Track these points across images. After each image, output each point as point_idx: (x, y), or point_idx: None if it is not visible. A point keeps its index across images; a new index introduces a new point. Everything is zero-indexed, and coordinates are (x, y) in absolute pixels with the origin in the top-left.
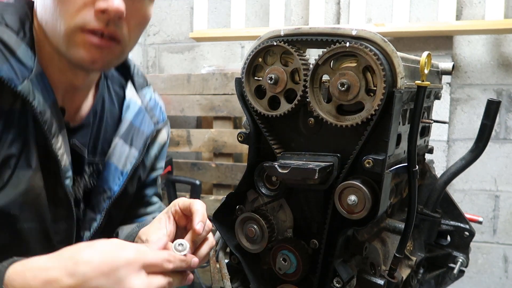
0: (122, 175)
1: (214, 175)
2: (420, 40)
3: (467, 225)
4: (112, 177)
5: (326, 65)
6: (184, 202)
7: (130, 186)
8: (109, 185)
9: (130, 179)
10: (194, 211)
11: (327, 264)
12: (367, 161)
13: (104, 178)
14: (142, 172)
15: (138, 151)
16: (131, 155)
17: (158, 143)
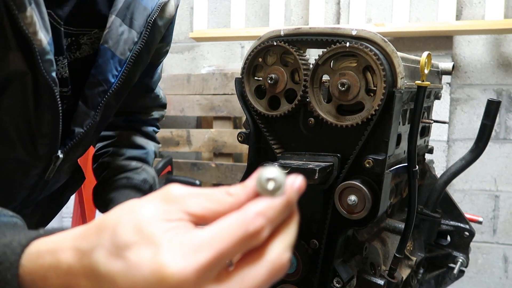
0: (120, 64)
1: (214, 175)
2: (420, 40)
3: (467, 225)
4: (108, 66)
5: (326, 65)
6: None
7: (132, 77)
8: (105, 76)
9: (131, 69)
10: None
11: (327, 264)
12: (367, 161)
13: (99, 67)
14: (145, 58)
15: (139, 33)
16: (130, 39)
17: (165, 19)
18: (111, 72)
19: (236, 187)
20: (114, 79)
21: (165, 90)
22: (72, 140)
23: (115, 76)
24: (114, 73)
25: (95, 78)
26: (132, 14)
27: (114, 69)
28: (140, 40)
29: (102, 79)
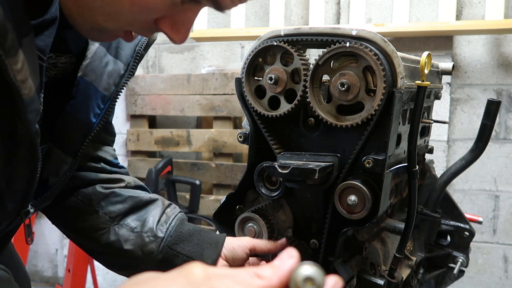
0: (103, 101)
1: (214, 175)
2: (420, 40)
3: (467, 225)
4: (90, 104)
5: (326, 65)
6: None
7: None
8: (86, 115)
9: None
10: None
11: (327, 264)
12: (367, 161)
13: (78, 105)
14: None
15: (126, 65)
16: (115, 72)
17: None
18: (93, 110)
19: (266, 269)
20: (96, 119)
21: (165, 90)
22: (45, 192)
23: (97, 116)
24: (96, 111)
25: (73, 118)
26: (118, 43)
27: (96, 107)
28: (128, 73)
29: (82, 119)
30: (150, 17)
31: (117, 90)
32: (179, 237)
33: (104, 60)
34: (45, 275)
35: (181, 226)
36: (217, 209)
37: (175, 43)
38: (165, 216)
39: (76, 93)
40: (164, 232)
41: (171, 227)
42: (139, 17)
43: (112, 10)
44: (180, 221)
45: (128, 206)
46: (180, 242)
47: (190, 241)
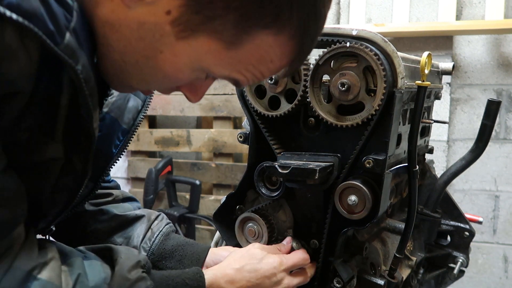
0: (123, 134)
1: (214, 175)
2: (420, 40)
3: (467, 225)
4: (113, 138)
5: (327, 65)
6: None
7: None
8: (109, 148)
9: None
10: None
11: (327, 264)
12: (367, 161)
13: (104, 139)
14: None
15: (143, 101)
16: (134, 107)
17: None
18: (114, 143)
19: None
20: (115, 150)
21: None
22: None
23: (116, 147)
24: (116, 143)
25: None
26: None
27: (116, 140)
28: (144, 108)
29: (105, 151)
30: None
31: (135, 124)
32: (162, 255)
33: (126, 98)
34: None
35: (165, 242)
36: (217, 209)
37: (191, 102)
38: (150, 232)
39: (102, 127)
40: (147, 250)
41: (155, 244)
42: (167, 85)
43: (146, 78)
44: (165, 236)
45: (114, 225)
46: (163, 259)
47: (173, 257)
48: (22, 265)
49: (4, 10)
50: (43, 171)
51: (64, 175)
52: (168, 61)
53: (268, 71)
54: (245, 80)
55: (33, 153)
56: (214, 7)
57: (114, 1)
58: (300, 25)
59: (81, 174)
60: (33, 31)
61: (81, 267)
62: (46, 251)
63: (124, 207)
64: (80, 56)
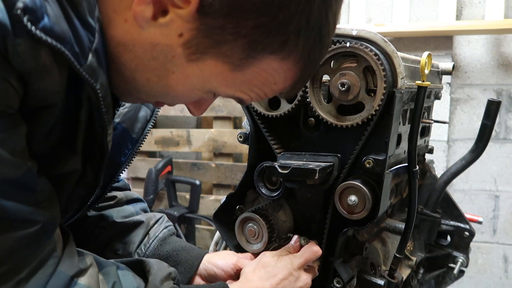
0: (131, 143)
1: (214, 175)
2: (420, 40)
3: (467, 225)
4: (121, 146)
5: (327, 65)
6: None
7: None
8: (119, 157)
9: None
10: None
11: (327, 264)
12: (367, 161)
13: (115, 148)
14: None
15: (151, 111)
16: (143, 117)
17: None
18: (123, 151)
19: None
20: (124, 158)
21: None
22: (73, 218)
23: (125, 155)
24: (125, 152)
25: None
26: None
27: (125, 149)
28: (152, 118)
29: (115, 159)
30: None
31: (144, 134)
32: None
33: (137, 108)
34: None
35: (160, 248)
36: (217, 209)
37: (193, 115)
38: (146, 238)
39: (113, 137)
40: (141, 257)
41: (149, 250)
42: (176, 102)
43: (156, 95)
44: (161, 241)
45: (114, 231)
46: None
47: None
48: (66, 270)
49: (40, 34)
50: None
51: (77, 185)
52: (180, 82)
53: (271, 91)
54: (249, 99)
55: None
56: (225, 33)
57: (128, 22)
58: (305, 51)
59: (93, 184)
60: (64, 53)
61: (116, 276)
62: (84, 257)
63: (126, 211)
64: (100, 75)
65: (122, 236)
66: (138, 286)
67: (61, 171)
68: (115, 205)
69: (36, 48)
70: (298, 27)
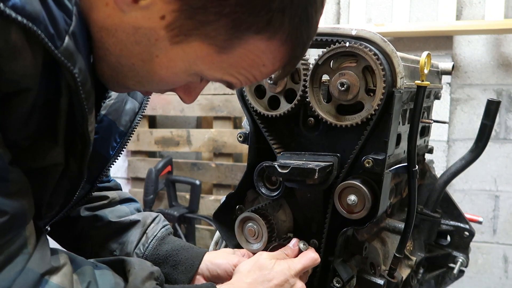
0: (120, 136)
1: (214, 175)
2: (420, 40)
3: (467, 225)
4: (110, 140)
5: (326, 65)
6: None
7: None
8: (106, 149)
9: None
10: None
11: (327, 264)
12: (367, 161)
13: (101, 140)
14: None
15: (140, 103)
16: (131, 110)
17: None
18: (111, 145)
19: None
20: (112, 152)
21: None
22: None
23: (113, 149)
24: (113, 145)
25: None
26: None
27: (113, 142)
28: (141, 111)
29: (102, 153)
30: (172, 88)
31: (132, 126)
32: (156, 260)
33: (124, 100)
34: None
35: (159, 247)
36: (217, 209)
37: (185, 103)
38: (144, 238)
39: (99, 129)
40: (141, 256)
41: (148, 250)
42: (163, 88)
43: (142, 80)
44: (159, 241)
45: (109, 231)
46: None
47: (167, 263)
48: (36, 267)
49: (10, 11)
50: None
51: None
52: (164, 66)
53: (260, 74)
54: (238, 83)
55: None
56: (207, 12)
57: (109, 6)
58: (292, 30)
59: (77, 177)
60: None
61: (92, 276)
62: (58, 256)
63: (120, 210)
64: (78, 59)
65: (118, 236)
66: (116, 286)
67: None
68: (108, 205)
69: (6, 27)
70: (282, 4)
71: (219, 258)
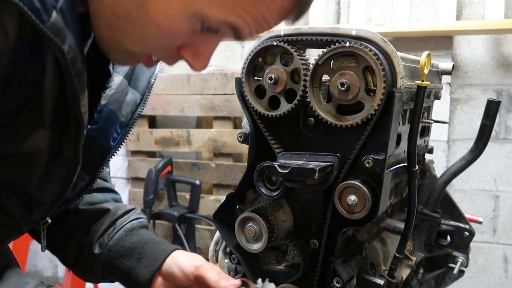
0: (121, 127)
1: (214, 175)
2: (420, 40)
3: (467, 225)
4: (110, 130)
5: (326, 65)
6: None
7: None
8: (107, 140)
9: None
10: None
11: (327, 264)
12: (367, 161)
13: (100, 130)
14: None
15: (141, 95)
16: (133, 101)
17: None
18: (112, 135)
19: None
20: (113, 143)
21: (165, 90)
22: (63, 205)
23: (114, 139)
24: (114, 136)
25: (95, 142)
26: (137, 76)
27: (114, 132)
28: (142, 102)
29: (102, 143)
30: (173, 44)
31: (133, 117)
32: (119, 252)
33: (125, 91)
34: (45, 275)
35: (125, 239)
36: (217, 209)
37: (195, 71)
38: (112, 228)
39: (99, 119)
40: (103, 247)
41: (112, 241)
42: (163, 43)
43: (140, 34)
44: (127, 232)
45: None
46: (120, 256)
47: (131, 255)
48: None
49: None
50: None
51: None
52: (160, 9)
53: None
54: (245, 26)
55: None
56: None
57: None
58: None
59: (73, 162)
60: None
61: None
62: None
63: (93, 197)
64: (67, 36)
65: (86, 225)
66: None
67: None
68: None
69: None
70: None
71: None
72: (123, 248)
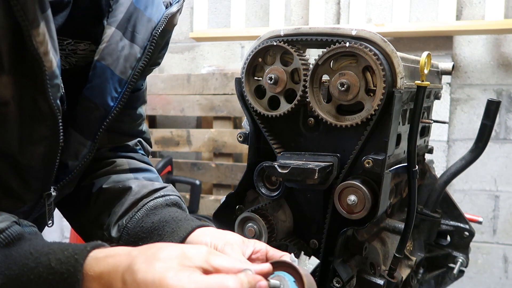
0: (120, 84)
1: (214, 175)
2: (420, 40)
3: (467, 225)
4: (107, 87)
5: (326, 65)
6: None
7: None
8: (104, 99)
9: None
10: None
11: (327, 264)
12: (367, 161)
13: (95, 88)
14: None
15: (142, 48)
16: (132, 55)
17: (170, 31)
18: (110, 94)
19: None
20: (113, 103)
21: (165, 90)
22: (67, 176)
23: (114, 99)
24: (113, 95)
25: (90, 101)
26: (134, 27)
27: (113, 91)
28: (144, 56)
29: (99, 102)
30: None
31: (134, 74)
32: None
33: (120, 44)
34: None
35: (145, 219)
36: (217, 209)
37: None
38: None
39: (93, 77)
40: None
41: (131, 223)
42: None
43: None
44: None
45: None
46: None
47: (151, 237)
48: None
49: None
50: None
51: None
52: None
53: None
54: None
55: None
56: None
57: None
58: None
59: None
60: None
61: None
62: None
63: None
64: None
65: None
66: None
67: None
68: (111, 171)
69: None
70: None
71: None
72: (142, 230)
